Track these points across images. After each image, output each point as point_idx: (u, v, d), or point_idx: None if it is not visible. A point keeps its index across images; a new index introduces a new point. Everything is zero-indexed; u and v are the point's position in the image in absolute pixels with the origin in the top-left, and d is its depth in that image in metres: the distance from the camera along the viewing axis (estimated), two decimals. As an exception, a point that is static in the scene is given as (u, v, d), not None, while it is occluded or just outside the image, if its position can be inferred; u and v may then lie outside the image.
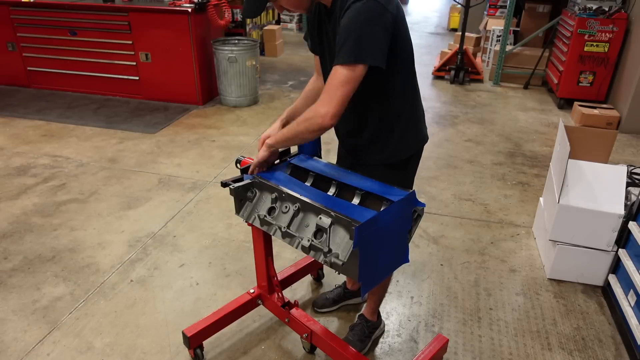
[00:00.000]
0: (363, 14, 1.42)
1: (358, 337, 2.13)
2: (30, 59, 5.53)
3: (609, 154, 3.06)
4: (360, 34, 1.41)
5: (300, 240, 1.56)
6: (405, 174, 1.82)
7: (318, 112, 1.47)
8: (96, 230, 2.99)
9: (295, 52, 7.95)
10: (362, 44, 1.42)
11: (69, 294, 2.45)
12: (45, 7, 5.17)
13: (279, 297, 2.08)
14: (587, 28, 5.04)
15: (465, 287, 2.57)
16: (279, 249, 2.75)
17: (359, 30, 1.41)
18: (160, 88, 5.29)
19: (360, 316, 2.18)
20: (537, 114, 5.27)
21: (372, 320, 2.17)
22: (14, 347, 2.13)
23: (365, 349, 2.13)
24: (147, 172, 3.75)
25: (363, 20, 1.42)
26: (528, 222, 3.19)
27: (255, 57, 5.16)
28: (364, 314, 2.18)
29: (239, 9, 6.66)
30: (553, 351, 2.18)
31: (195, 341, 2.02)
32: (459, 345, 2.20)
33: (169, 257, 2.75)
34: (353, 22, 1.42)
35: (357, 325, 2.16)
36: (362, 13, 1.42)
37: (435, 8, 14.54)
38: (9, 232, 2.95)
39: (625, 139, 4.58)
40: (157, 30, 4.97)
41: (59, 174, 3.69)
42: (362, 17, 1.41)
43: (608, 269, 2.51)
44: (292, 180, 1.73)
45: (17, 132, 4.46)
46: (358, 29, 1.41)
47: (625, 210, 2.39)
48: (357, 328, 2.16)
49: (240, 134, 4.52)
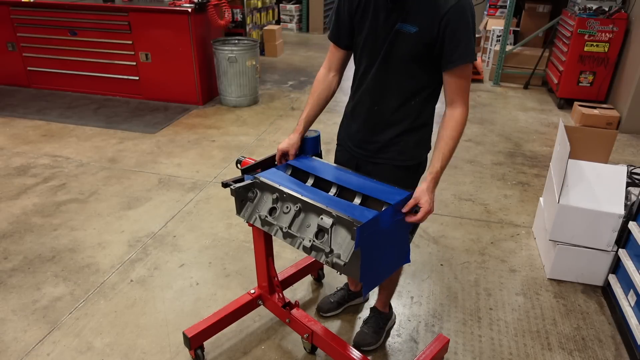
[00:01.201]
0: (472, 13, 1.48)
1: (373, 329, 2.16)
2: (30, 59, 5.52)
3: (609, 154, 3.06)
4: (474, 32, 1.49)
5: (302, 241, 1.56)
6: (416, 177, 1.82)
7: (464, 116, 1.55)
8: (96, 230, 2.99)
9: (295, 52, 7.95)
10: (474, 43, 1.51)
11: (69, 294, 2.45)
12: (45, 7, 5.17)
13: (280, 298, 2.08)
14: (587, 28, 5.04)
15: (465, 287, 2.57)
16: (279, 249, 2.75)
17: (473, 29, 1.49)
18: (160, 88, 5.29)
19: (373, 309, 2.22)
20: (537, 114, 5.28)
21: (384, 312, 2.21)
22: (14, 347, 2.13)
23: (380, 340, 2.17)
24: (147, 172, 3.75)
25: (473, 19, 1.49)
26: (528, 222, 3.20)
27: (255, 57, 5.16)
28: (376, 306, 2.22)
29: (239, 9, 6.66)
30: (553, 351, 2.18)
31: (196, 342, 2.01)
32: (459, 345, 2.20)
33: (169, 257, 2.75)
34: (468, 20, 1.47)
35: (371, 318, 2.20)
36: (471, 11, 1.48)
37: (435, 8, 14.53)
38: (9, 232, 2.95)
39: (625, 139, 4.58)
40: (157, 30, 4.97)
41: (59, 174, 3.69)
42: (472, 16, 1.48)
43: (608, 269, 2.51)
44: (293, 180, 1.73)
45: (17, 132, 4.46)
46: (473, 27, 1.49)
47: (625, 210, 2.39)
48: (371, 321, 2.19)
49: (240, 134, 4.52)
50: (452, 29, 1.46)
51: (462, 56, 1.49)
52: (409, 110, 1.68)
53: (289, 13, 9.54)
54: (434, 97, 1.70)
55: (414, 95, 1.65)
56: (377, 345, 2.16)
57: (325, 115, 5.06)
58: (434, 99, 1.71)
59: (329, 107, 1.93)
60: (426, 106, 1.70)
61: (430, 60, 1.56)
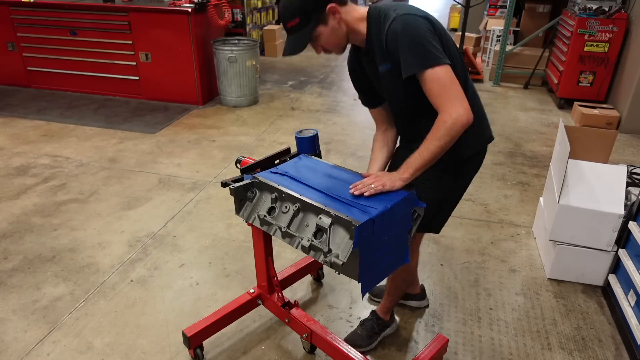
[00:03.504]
0: (410, 24, 1.52)
1: (367, 332, 2.15)
2: (30, 59, 5.53)
3: (609, 154, 3.06)
4: (418, 41, 1.51)
5: (300, 240, 1.56)
6: (455, 180, 1.78)
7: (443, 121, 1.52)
8: (96, 230, 2.99)
9: (295, 52, 7.94)
10: (423, 49, 1.51)
11: (69, 294, 2.45)
12: (45, 7, 5.17)
13: (279, 297, 2.08)
14: (587, 28, 5.04)
15: (465, 287, 2.57)
16: (279, 249, 2.75)
17: (418, 37, 1.51)
18: (160, 88, 5.29)
19: (373, 312, 2.20)
20: (537, 114, 5.28)
21: (383, 318, 2.17)
22: (14, 347, 2.13)
23: (371, 346, 2.14)
24: (147, 172, 3.75)
25: (413, 30, 1.51)
26: (528, 222, 3.19)
27: (255, 57, 5.16)
28: (376, 311, 2.19)
29: (239, 9, 6.66)
30: (553, 351, 2.18)
31: (195, 341, 2.02)
32: (459, 345, 2.19)
33: (169, 257, 2.75)
34: (405, 34, 1.51)
35: (368, 321, 2.18)
36: (407, 23, 1.52)
37: (435, 8, 14.54)
38: (9, 232, 2.95)
39: (625, 139, 4.58)
40: (157, 30, 4.97)
41: (59, 174, 3.69)
42: (411, 27, 1.52)
43: (608, 269, 2.51)
44: (293, 179, 1.73)
45: (17, 132, 4.46)
46: (417, 36, 1.51)
47: (625, 210, 2.39)
48: (367, 323, 2.17)
49: (240, 134, 4.52)
50: (397, 48, 1.53)
51: (411, 66, 1.52)
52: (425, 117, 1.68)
53: (328, 53, 9.50)
54: None
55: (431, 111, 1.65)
56: (367, 349, 2.13)
57: (326, 115, 5.09)
58: None
59: (329, 108, 1.95)
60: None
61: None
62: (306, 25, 1.59)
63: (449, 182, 1.78)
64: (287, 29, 1.63)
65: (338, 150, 4.18)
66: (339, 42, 1.67)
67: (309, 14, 1.58)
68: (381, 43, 1.59)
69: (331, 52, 1.71)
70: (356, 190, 1.58)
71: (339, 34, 1.64)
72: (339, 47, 1.69)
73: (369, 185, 1.58)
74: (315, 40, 1.64)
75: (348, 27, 1.64)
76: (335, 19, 1.61)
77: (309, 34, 1.60)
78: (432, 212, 1.78)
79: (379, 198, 1.57)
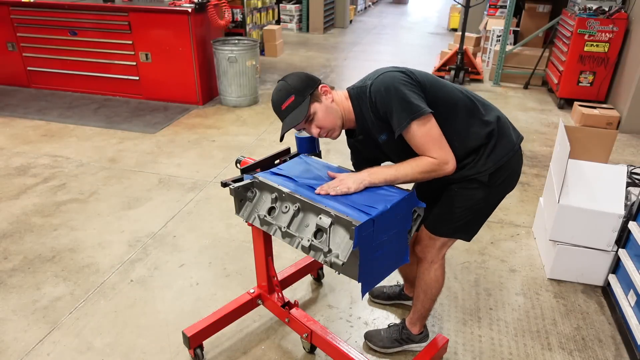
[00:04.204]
0: (384, 85, 1.59)
1: (390, 337, 2.11)
2: (30, 59, 5.53)
3: (609, 154, 3.06)
4: (396, 97, 1.56)
5: (300, 240, 1.56)
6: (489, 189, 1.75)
7: (429, 161, 1.60)
8: (96, 230, 2.99)
9: (295, 52, 7.95)
10: (403, 105, 1.56)
11: (69, 294, 2.45)
12: (45, 7, 5.17)
13: (279, 297, 2.08)
14: (587, 28, 5.04)
15: (465, 287, 2.57)
16: (279, 249, 2.75)
17: (396, 94, 1.57)
18: (160, 88, 5.29)
19: (402, 320, 2.15)
20: (537, 114, 5.28)
21: (409, 329, 2.11)
22: (14, 347, 2.13)
23: (388, 351, 2.11)
24: (147, 172, 3.75)
25: (387, 89, 1.58)
26: (528, 222, 3.19)
27: (255, 57, 5.16)
28: (405, 319, 2.14)
29: (239, 9, 6.66)
30: (553, 351, 2.18)
31: (195, 341, 2.01)
32: (459, 345, 2.19)
33: (169, 257, 2.75)
34: (382, 96, 1.58)
35: (395, 327, 2.14)
36: (383, 84, 1.59)
37: (435, 8, 14.55)
38: (9, 232, 2.95)
39: (625, 139, 4.58)
40: (157, 30, 4.97)
41: (59, 174, 3.69)
42: (386, 88, 1.58)
43: (608, 269, 2.51)
44: (292, 180, 1.73)
45: (17, 132, 4.46)
46: (394, 93, 1.57)
47: (625, 210, 2.39)
48: (393, 328, 2.14)
49: (240, 134, 4.52)
50: (386, 108, 1.59)
51: (401, 123, 1.57)
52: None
53: (289, 13, 9.54)
54: (450, 129, 1.66)
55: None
56: (382, 352, 2.11)
57: (325, 115, 5.08)
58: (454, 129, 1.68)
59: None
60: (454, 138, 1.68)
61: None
62: (302, 102, 1.65)
63: (481, 193, 1.75)
64: (282, 112, 1.67)
65: (338, 150, 4.19)
66: (334, 121, 1.70)
67: (302, 91, 1.65)
68: (370, 116, 1.65)
69: (328, 134, 1.72)
70: (322, 191, 1.61)
71: (333, 113, 1.69)
72: (335, 126, 1.71)
73: (333, 187, 1.61)
74: (311, 120, 1.68)
75: (339, 106, 1.71)
76: (328, 99, 1.69)
77: (306, 108, 1.64)
78: (461, 220, 1.80)
79: (379, 198, 1.57)
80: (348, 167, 1.86)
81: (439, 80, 1.71)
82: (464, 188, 1.74)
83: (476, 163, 1.70)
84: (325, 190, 1.60)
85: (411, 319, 2.10)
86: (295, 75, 1.70)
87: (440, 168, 1.61)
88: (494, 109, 1.78)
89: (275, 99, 1.68)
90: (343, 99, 1.72)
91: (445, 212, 1.80)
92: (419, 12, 13.75)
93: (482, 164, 1.69)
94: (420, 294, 1.99)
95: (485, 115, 1.72)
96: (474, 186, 1.73)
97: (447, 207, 1.79)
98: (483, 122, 1.71)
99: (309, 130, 1.72)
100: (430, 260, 1.91)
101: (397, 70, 1.63)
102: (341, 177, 1.66)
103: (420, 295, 2.00)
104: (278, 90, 1.67)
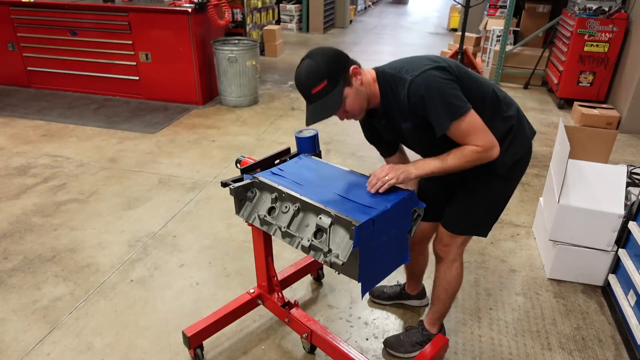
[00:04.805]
0: (425, 85, 1.52)
1: (411, 341, 2.09)
2: (30, 59, 5.53)
3: (609, 154, 3.06)
4: (440, 97, 1.52)
5: (300, 240, 1.56)
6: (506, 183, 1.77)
7: (472, 149, 1.58)
8: (96, 230, 2.99)
9: (295, 52, 7.95)
10: (446, 104, 1.53)
11: (69, 294, 2.45)
12: (45, 7, 5.17)
13: (279, 297, 2.08)
14: (587, 28, 5.04)
15: (465, 287, 2.57)
16: (279, 249, 2.75)
17: (439, 94, 1.52)
18: (160, 88, 5.29)
19: (420, 322, 2.14)
20: (537, 114, 5.28)
21: (429, 330, 2.10)
22: (14, 347, 2.13)
23: (409, 355, 2.08)
24: (147, 172, 3.75)
25: (430, 90, 1.52)
26: (528, 222, 3.19)
27: (255, 57, 5.16)
28: (423, 320, 2.13)
29: (239, 9, 6.66)
30: (553, 351, 2.18)
31: (195, 341, 2.02)
32: (459, 345, 2.19)
33: (169, 257, 2.75)
34: (427, 96, 1.52)
35: (414, 329, 2.13)
36: (425, 84, 1.52)
37: (435, 8, 14.55)
38: (9, 232, 2.95)
39: (625, 139, 4.58)
40: (157, 30, 4.97)
41: (59, 174, 3.69)
42: (427, 88, 1.52)
43: (608, 269, 2.51)
44: (292, 180, 1.73)
45: (17, 132, 4.46)
46: (437, 93, 1.52)
47: (625, 210, 2.39)
48: (412, 331, 2.12)
49: (240, 134, 4.52)
50: (425, 110, 1.54)
51: (443, 124, 1.54)
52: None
53: (289, 13, 9.54)
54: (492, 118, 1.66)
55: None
56: (405, 357, 2.09)
57: (325, 115, 5.08)
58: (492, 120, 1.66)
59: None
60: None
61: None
62: (334, 88, 1.54)
63: (500, 187, 1.77)
64: (311, 96, 1.55)
65: (338, 150, 4.19)
66: (361, 104, 1.63)
67: (336, 76, 1.54)
68: (401, 106, 1.59)
69: (353, 116, 1.67)
70: (373, 188, 1.56)
71: (362, 97, 1.62)
72: (362, 109, 1.65)
73: (383, 179, 1.57)
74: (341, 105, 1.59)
75: (367, 88, 1.63)
76: (358, 81, 1.60)
77: (340, 95, 1.54)
78: (481, 216, 1.81)
79: (379, 198, 1.57)
80: (348, 167, 1.86)
81: (471, 73, 1.68)
82: (483, 184, 1.74)
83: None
84: (375, 186, 1.57)
85: (430, 319, 2.10)
86: (324, 54, 1.56)
87: (486, 154, 1.59)
88: (514, 103, 1.78)
89: (304, 80, 1.54)
90: (371, 82, 1.64)
91: (465, 209, 1.81)
92: (419, 12, 13.75)
93: (500, 159, 1.67)
94: (442, 293, 1.99)
95: (506, 110, 1.72)
96: (494, 181, 1.74)
97: (466, 204, 1.80)
98: (504, 117, 1.71)
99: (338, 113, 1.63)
100: (452, 258, 1.92)
101: (436, 66, 1.55)
102: (388, 166, 1.61)
103: (441, 295, 2.00)
104: (308, 72, 1.53)
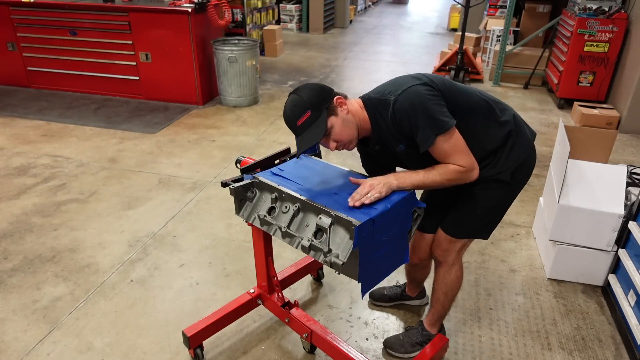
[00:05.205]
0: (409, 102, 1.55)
1: (410, 341, 2.10)
2: (30, 59, 5.53)
3: (609, 154, 3.06)
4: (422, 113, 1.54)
5: (300, 240, 1.56)
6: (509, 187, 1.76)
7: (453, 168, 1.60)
8: (96, 230, 2.99)
9: (295, 52, 7.95)
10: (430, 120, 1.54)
11: (69, 294, 2.45)
12: (45, 7, 5.17)
13: (279, 297, 2.08)
14: (587, 28, 5.04)
15: (465, 287, 2.57)
16: (279, 249, 2.75)
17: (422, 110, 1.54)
18: (160, 88, 5.29)
19: (420, 322, 2.15)
20: (537, 114, 5.28)
21: (429, 331, 2.10)
22: (14, 347, 2.13)
23: (409, 355, 2.08)
24: (147, 172, 3.75)
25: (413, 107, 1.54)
26: (528, 222, 3.19)
27: (255, 57, 5.16)
28: (423, 321, 2.14)
29: (239, 9, 6.66)
30: (553, 351, 2.18)
31: (195, 341, 2.02)
32: (459, 345, 2.19)
33: (169, 257, 2.75)
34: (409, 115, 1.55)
35: (414, 329, 2.13)
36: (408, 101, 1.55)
37: (435, 8, 14.55)
38: (9, 232, 2.95)
39: (625, 139, 4.58)
40: (157, 30, 4.97)
41: (59, 174, 3.69)
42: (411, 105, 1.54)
43: (608, 269, 2.51)
44: (292, 180, 1.73)
45: (17, 132, 4.46)
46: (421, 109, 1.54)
47: (625, 210, 2.39)
48: (412, 331, 2.13)
49: (240, 134, 4.52)
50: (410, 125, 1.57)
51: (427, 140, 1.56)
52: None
53: (289, 13, 9.54)
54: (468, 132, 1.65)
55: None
56: (404, 357, 2.09)
57: (325, 115, 5.08)
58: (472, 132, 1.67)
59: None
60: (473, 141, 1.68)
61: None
62: (318, 117, 1.57)
63: (502, 191, 1.77)
64: (297, 128, 1.58)
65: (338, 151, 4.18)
66: (350, 133, 1.65)
67: (318, 106, 1.57)
68: (390, 129, 1.62)
69: (344, 146, 1.68)
70: (356, 202, 1.53)
71: (350, 125, 1.64)
72: (351, 138, 1.66)
73: (366, 196, 1.55)
74: (328, 135, 1.62)
75: (355, 117, 1.65)
76: (343, 110, 1.63)
77: (324, 124, 1.57)
78: (482, 220, 1.81)
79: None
80: (348, 167, 1.86)
81: (456, 86, 1.69)
82: (485, 189, 1.74)
83: (496, 163, 1.71)
84: (359, 200, 1.53)
85: (430, 320, 2.10)
86: (308, 88, 1.61)
87: (466, 175, 1.62)
88: (509, 108, 1.78)
89: (289, 114, 1.59)
90: (358, 109, 1.67)
91: (466, 214, 1.81)
92: (419, 12, 13.75)
93: (502, 164, 1.70)
94: (441, 296, 2.00)
95: (501, 116, 1.72)
96: (496, 186, 1.74)
97: (468, 209, 1.80)
98: (500, 123, 1.71)
99: (325, 144, 1.65)
100: (451, 263, 1.92)
101: (419, 83, 1.58)
102: (369, 183, 1.58)
103: (440, 298, 2.00)
104: (292, 106, 1.59)
